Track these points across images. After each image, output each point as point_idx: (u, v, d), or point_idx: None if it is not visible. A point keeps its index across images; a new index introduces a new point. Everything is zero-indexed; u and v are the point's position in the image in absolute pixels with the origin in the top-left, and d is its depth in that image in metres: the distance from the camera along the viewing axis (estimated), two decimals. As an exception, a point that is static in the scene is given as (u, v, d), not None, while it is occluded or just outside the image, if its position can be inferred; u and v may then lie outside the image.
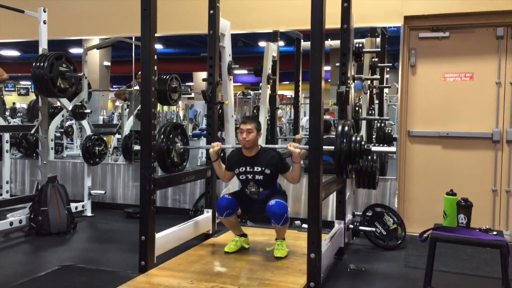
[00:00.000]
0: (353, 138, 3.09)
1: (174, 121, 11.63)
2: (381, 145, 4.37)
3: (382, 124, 5.16)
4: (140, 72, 6.07)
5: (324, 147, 3.05)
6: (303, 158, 3.43)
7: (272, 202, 3.37)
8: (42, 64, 4.35)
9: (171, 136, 3.58)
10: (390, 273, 3.52)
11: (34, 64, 4.38)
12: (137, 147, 3.37)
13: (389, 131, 5.16)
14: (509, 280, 2.53)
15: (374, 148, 3.20)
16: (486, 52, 4.47)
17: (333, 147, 3.07)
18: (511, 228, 4.42)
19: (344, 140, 3.06)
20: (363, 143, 3.10)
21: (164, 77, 5.21)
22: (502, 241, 2.55)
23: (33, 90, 7.41)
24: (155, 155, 3.40)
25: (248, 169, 3.51)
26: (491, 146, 4.47)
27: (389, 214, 4.18)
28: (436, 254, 2.68)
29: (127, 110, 6.47)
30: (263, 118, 5.30)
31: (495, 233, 2.69)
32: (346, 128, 3.10)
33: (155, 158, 3.39)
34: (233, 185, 4.37)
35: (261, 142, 3.58)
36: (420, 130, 4.65)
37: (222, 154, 3.71)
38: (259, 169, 3.48)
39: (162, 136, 3.50)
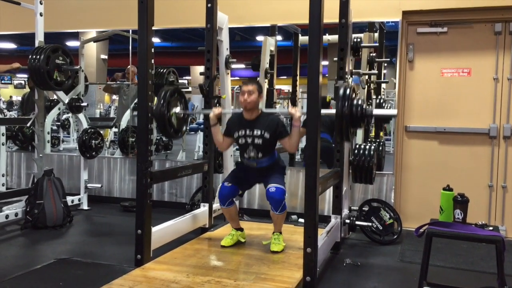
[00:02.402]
0: (355, 102, 3.05)
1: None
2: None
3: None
4: (129, 67, 6.10)
5: (325, 110, 3.03)
6: (302, 120, 3.38)
7: (272, 188, 3.39)
8: (38, 56, 4.32)
9: (171, 100, 3.54)
10: (386, 267, 3.53)
11: (30, 56, 4.35)
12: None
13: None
14: (505, 275, 2.53)
15: (375, 111, 3.18)
16: (484, 47, 4.46)
17: (334, 111, 3.04)
18: (507, 223, 4.44)
19: (346, 104, 3.01)
20: (364, 106, 3.07)
21: (161, 70, 5.18)
22: (498, 237, 2.56)
23: (27, 83, 7.36)
24: (155, 119, 3.37)
25: (247, 132, 3.49)
26: (488, 142, 4.48)
27: (386, 209, 4.19)
28: (432, 249, 2.68)
29: (114, 104, 6.44)
30: (261, 112, 5.29)
31: (491, 228, 2.69)
32: (348, 91, 3.05)
33: (154, 120, 3.37)
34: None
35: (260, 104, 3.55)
36: (417, 125, 4.66)
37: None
38: (259, 132, 3.46)
39: (162, 101, 3.45)
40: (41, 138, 4.76)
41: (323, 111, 3.00)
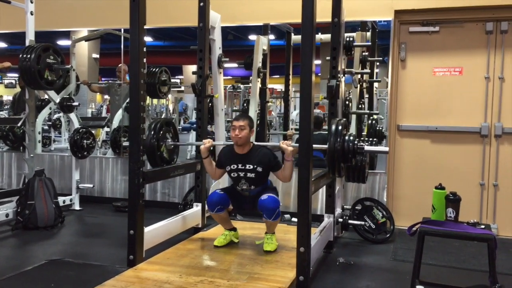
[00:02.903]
0: (346, 137, 3.08)
1: (164, 114, 11.57)
2: (374, 141, 4.37)
3: (374, 122, 5.16)
4: (120, 65, 6.07)
5: (317, 145, 3.05)
6: (294, 154, 3.42)
7: (265, 196, 3.38)
8: (29, 56, 4.28)
9: (161, 132, 3.55)
10: (379, 266, 3.54)
11: (21, 56, 4.31)
12: (126, 143, 3.36)
13: (380, 128, 5.17)
14: (496, 273, 2.55)
15: (367, 148, 3.19)
16: (475, 47, 4.49)
17: (326, 146, 3.06)
18: (499, 221, 4.46)
19: (338, 139, 3.05)
20: (356, 142, 3.10)
21: (154, 69, 5.16)
22: (490, 235, 2.58)
23: (18, 82, 7.30)
24: (145, 151, 3.37)
25: (240, 166, 3.49)
26: (480, 141, 4.50)
27: (378, 208, 4.20)
28: (424, 248, 2.70)
29: (106, 103, 6.41)
30: (253, 111, 5.29)
31: (482, 226, 2.71)
32: (340, 127, 3.09)
33: (144, 152, 3.37)
34: (223, 179, 4.36)
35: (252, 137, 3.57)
36: (409, 124, 4.67)
37: (212, 149, 3.70)
38: (251, 166, 3.46)
39: (152, 132, 3.47)
40: (32, 138, 4.73)
41: (315, 146, 3.01)
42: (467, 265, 3.57)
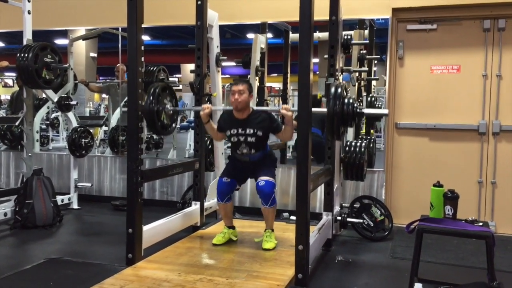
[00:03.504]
0: (346, 100, 3.06)
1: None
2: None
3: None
4: (118, 65, 6.06)
5: (317, 109, 3.03)
6: (295, 127, 3.39)
7: (262, 182, 3.42)
8: (26, 55, 4.27)
9: (160, 97, 3.53)
10: (377, 264, 3.55)
11: (18, 55, 4.30)
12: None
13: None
14: (494, 270, 2.55)
15: (367, 111, 3.18)
16: (473, 44, 4.49)
17: (325, 109, 3.05)
18: (497, 219, 4.48)
19: (337, 102, 3.02)
20: (356, 105, 3.07)
21: (151, 68, 5.16)
22: (488, 232, 2.58)
23: (16, 81, 7.28)
24: (144, 116, 3.36)
25: (240, 131, 3.50)
26: (477, 138, 4.51)
27: (377, 206, 4.21)
28: (422, 245, 2.70)
29: (104, 102, 6.40)
30: (251, 110, 5.28)
31: (480, 224, 2.71)
32: (339, 90, 3.05)
33: (143, 118, 3.36)
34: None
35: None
36: (407, 122, 4.68)
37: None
38: (251, 131, 3.47)
39: (151, 97, 3.43)
40: (30, 137, 4.72)
41: (314, 109, 3.00)
42: (466, 263, 3.58)
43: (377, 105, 5.10)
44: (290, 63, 6.00)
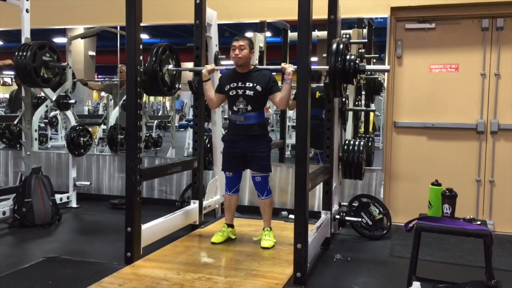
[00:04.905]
0: (347, 57, 3.04)
1: (160, 112, 11.56)
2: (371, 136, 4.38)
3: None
4: (120, 65, 6.05)
5: (317, 67, 3.02)
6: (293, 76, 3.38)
7: (258, 178, 3.53)
8: (25, 53, 4.27)
9: (163, 57, 3.52)
10: (376, 262, 3.55)
11: (16, 53, 4.30)
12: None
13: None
14: (492, 269, 2.56)
15: (368, 67, 3.18)
16: (471, 43, 4.50)
17: (326, 67, 3.04)
18: (495, 217, 4.48)
19: (339, 59, 3.00)
20: (357, 61, 3.07)
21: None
22: (486, 231, 2.59)
23: (14, 80, 7.28)
24: (147, 76, 3.35)
25: (239, 84, 3.52)
26: (476, 137, 4.52)
27: (375, 204, 4.22)
28: (421, 244, 2.70)
29: (112, 101, 6.40)
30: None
31: (479, 222, 2.72)
32: (341, 46, 3.04)
33: (147, 80, 3.39)
34: (221, 177, 4.37)
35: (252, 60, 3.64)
36: (406, 121, 4.68)
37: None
38: (251, 84, 3.49)
39: (154, 57, 3.44)
40: (29, 135, 4.71)
41: (314, 67, 3.00)
42: (464, 261, 3.59)
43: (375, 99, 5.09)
44: (289, 62, 5.98)
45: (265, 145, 3.60)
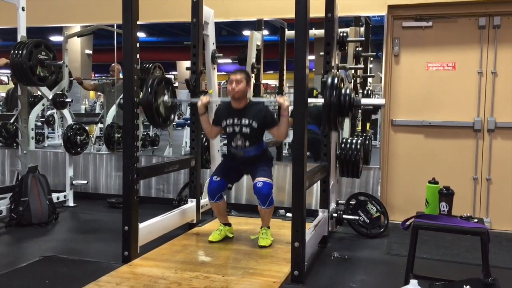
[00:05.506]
0: (343, 91, 3.05)
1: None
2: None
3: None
4: (113, 64, 6.04)
5: (313, 99, 3.03)
6: (290, 123, 3.38)
7: (260, 183, 3.40)
8: (20, 52, 4.25)
9: (159, 88, 3.52)
10: (373, 260, 3.56)
11: (12, 52, 4.28)
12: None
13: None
14: (489, 266, 2.57)
15: (363, 101, 3.17)
16: (468, 41, 4.50)
17: (322, 100, 3.04)
18: (491, 215, 4.50)
19: (334, 93, 3.01)
20: (352, 95, 3.07)
21: (147, 65, 5.15)
22: (483, 229, 2.59)
23: (11, 79, 7.25)
24: (142, 108, 3.35)
25: (235, 121, 3.49)
26: (473, 135, 4.53)
27: (372, 203, 4.22)
28: (418, 242, 2.71)
29: (100, 99, 6.39)
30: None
31: (475, 220, 2.73)
32: (336, 80, 3.05)
33: (142, 110, 3.38)
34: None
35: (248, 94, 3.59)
36: (403, 119, 4.69)
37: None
38: (247, 121, 3.46)
39: (149, 89, 3.43)
40: (25, 134, 4.70)
41: (311, 100, 3.00)
42: (461, 259, 3.60)
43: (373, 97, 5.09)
44: (286, 60, 6.00)
45: (267, 160, 3.60)
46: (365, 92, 5.09)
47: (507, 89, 4.41)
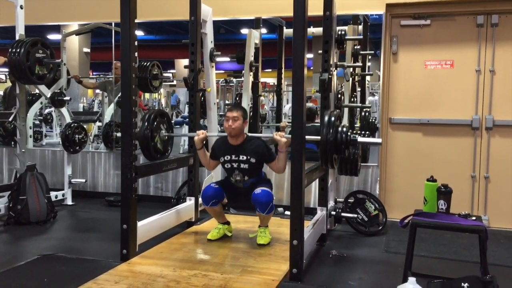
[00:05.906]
0: (339, 129, 3.08)
1: (156, 108, 11.52)
2: (367, 134, 4.40)
3: (367, 113, 5.16)
4: (115, 61, 6.02)
5: (309, 137, 3.05)
6: (287, 146, 3.42)
7: (258, 190, 3.39)
8: (18, 50, 4.25)
9: (155, 123, 3.54)
10: (371, 258, 3.57)
11: (10, 50, 4.28)
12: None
13: (373, 119, 5.18)
14: (487, 264, 2.58)
15: (360, 139, 3.19)
16: (466, 40, 4.51)
17: (319, 137, 3.06)
18: (490, 213, 4.51)
19: (330, 131, 3.04)
20: (349, 133, 3.10)
21: (145, 64, 5.13)
22: (481, 226, 2.60)
23: (8, 77, 7.23)
24: (139, 142, 3.36)
25: (233, 157, 3.50)
26: (471, 133, 4.53)
27: (371, 201, 4.23)
28: (416, 240, 2.71)
29: (106, 98, 6.38)
30: (246, 105, 5.28)
31: (474, 218, 2.73)
32: (332, 118, 3.08)
33: (138, 145, 3.36)
34: (216, 173, 4.36)
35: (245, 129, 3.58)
36: (401, 117, 4.69)
37: (205, 142, 3.71)
38: (245, 157, 3.47)
39: (146, 123, 3.45)
40: (23, 133, 4.69)
41: (308, 137, 3.03)
42: (459, 257, 3.61)
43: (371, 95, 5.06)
44: (284, 58, 5.99)
45: (267, 182, 3.62)
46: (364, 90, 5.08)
47: (505, 87, 4.42)
